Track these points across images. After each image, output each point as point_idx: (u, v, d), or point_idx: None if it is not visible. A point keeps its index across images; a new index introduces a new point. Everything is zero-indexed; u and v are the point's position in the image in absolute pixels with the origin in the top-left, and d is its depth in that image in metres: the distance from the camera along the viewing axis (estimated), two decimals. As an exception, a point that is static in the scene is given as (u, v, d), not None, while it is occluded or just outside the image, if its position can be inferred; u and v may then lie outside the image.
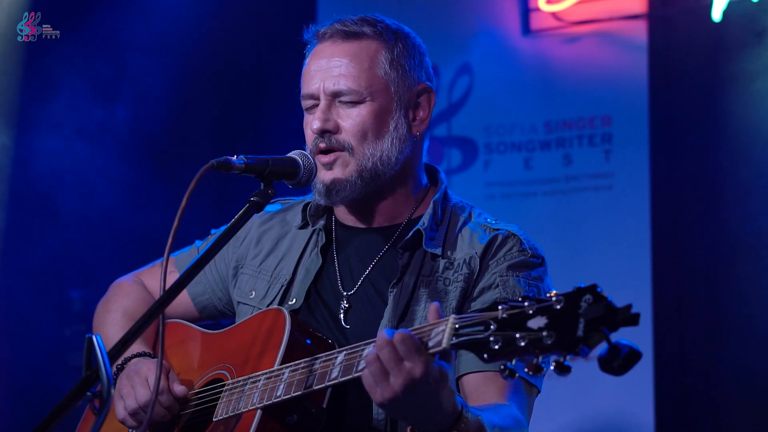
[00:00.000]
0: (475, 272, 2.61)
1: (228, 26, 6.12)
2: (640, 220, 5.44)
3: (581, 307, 1.91)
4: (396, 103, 2.66)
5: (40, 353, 5.73)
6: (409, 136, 2.69)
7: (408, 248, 2.66)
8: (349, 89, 2.63)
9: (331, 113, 2.65)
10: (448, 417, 2.17)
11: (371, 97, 2.64)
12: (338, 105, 2.65)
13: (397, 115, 2.66)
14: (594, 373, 2.01)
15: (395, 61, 2.67)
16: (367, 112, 2.63)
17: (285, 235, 2.85)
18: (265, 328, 2.60)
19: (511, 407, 2.45)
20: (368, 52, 2.66)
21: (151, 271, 3.09)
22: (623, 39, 5.65)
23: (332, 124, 2.64)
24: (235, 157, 2.46)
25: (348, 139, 2.63)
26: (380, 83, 2.65)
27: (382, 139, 2.64)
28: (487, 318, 2.02)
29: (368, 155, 2.63)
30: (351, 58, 2.65)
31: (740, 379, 5.20)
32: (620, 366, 1.90)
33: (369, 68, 2.64)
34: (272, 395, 2.43)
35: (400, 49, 2.69)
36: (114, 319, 2.97)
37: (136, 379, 2.66)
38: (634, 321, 1.89)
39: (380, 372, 2.13)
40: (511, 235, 2.65)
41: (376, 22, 2.70)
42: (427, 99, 2.73)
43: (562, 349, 1.92)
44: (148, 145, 5.96)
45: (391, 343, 2.12)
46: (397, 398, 2.12)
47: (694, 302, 5.35)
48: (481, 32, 5.92)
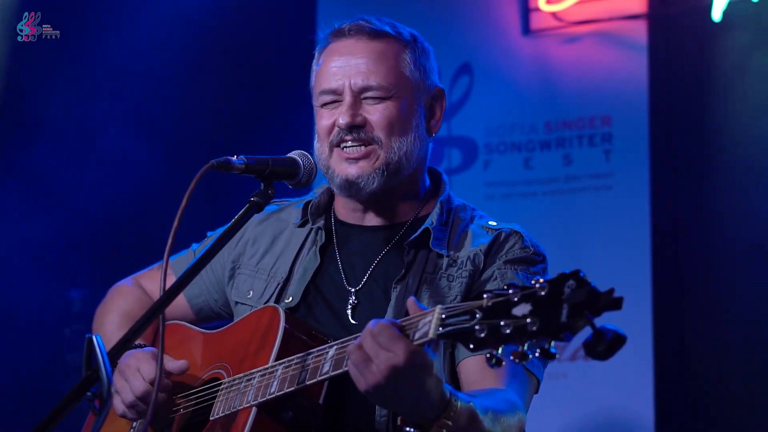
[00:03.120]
0: (479, 268, 2.63)
1: (228, 26, 6.12)
2: (640, 220, 5.44)
3: (564, 293, 1.91)
4: (417, 102, 2.71)
5: (40, 353, 5.73)
6: (426, 136, 2.73)
7: (414, 246, 2.67)
8: (379, 85, 2.65)
9: (358, 109, 2.66)
10: (436, 405, 2.17)
11: (397, 94, 2.67)
12: (364, 101, 2.67)
13: (419, 114, 2.71)
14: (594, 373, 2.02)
15: (417, 61, 2.71)
16: (394, 108, 2.66)
17: (281, 234, 2.86)
18: (261, 326, 2.60)
19: (507, 392, 2.46)
20: (394, 51, 2.69)
21: (149, 274, 3.09)
22: (623, 39, 5.64)
23: (361, 119, 2.66)
24: (236, 157, 2.47)
25: (377, 133, 2.66)
26: (405, 81, 2.68)
27: (407, 135, 2.67)
28: (473, 307, 2.04)
29: (395, 149, 2.66)
30: (378, 56, 2.67)
31: (741, 380, 5.20)
32: (605, 350, 1.88)
33: (395, 66, 2.68)
34: (266, 392, 2.44)
35: (419, 50, 2.73)
36: (112, 320, 2.98)
37: (128, 372, 2.65)
38: (617, 305, 1.88)
39: (361, 360, 2.14)
40: (514, 233, 2.68)
41: (393, 25, 2.74)
42: (441, 102, 2.78)
43: (546, 335, 1.92)
44: (148, 146, 5.96)
45: (372, 332, 2.14)
46: (380, 385, 2.13)
47: (695, 302, 5.35)
48: (481, 32, 5.92)
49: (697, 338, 5.31)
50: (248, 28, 6.18)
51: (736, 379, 5.20)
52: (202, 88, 6.17)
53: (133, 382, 2.63)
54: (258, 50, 6.21)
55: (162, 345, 2.41)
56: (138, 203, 5.89)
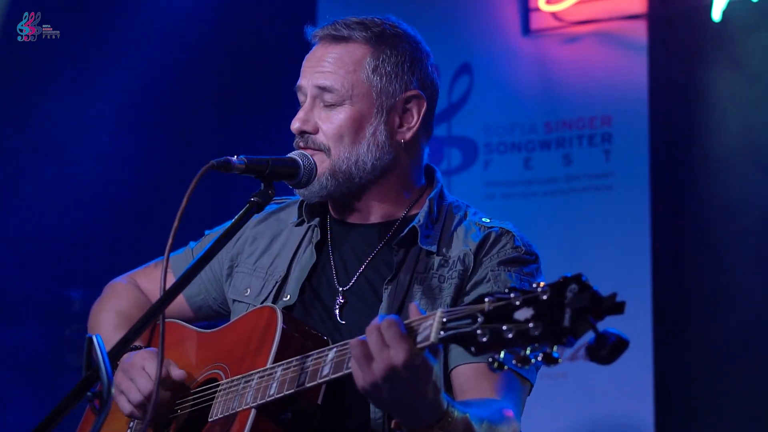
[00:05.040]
0: (469, 269, 2.62)
1: (228, 26, 6.12)
2: (640, 220, 5.44)
3: (567, 297, 1.90)
4: (377, 109, 2.68)
5: (40, 353, 5.72)
6: (388, 143, 2.69)
7: (403, 245, 2.67)
8: (332, 86, 2.65)
9: (312, 114, 2.68)
10: (433, 412, 2.17)
11: (351, 100, 2.66)
12: (320, 106, 2.68)
13: (377, 121, 2.68)
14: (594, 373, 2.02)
15: (380, 67, 2.68)
16: (345, 116, 2.66)
17: (280, 233, 2.86)
18: (258, 326, 2.60)
19: (502, 402, 2.45)
20: (353, 57, 2.68)
21: (145, 272, 3.09)
22: (623, 39, 5.64)
23: (311, 126, 2.67)
24: (236, 157, 2.47)
25: (325, 141, 2.66)
26: (362, 87, 2.67)
27: (358, 143, 2.66)
28: (474, 311, 2.02)
29: (343, 158, 2.66)
30: (335, 60, 2.68)
31: (741, 380, 5.20)
32: (608, 355, 1.87)
33: (353, 71, 2.67)
34: (265, 394, 2.44)
35: (388, 55, 2.70)
36: (107, 319, 2.98)
37: (132, 372, 2.65)
38: (619, 309, 1.87)
39: (363, 356, 2.14)
40: (505, 232, 2.67)
41: (372, 26, 2.71)
42: (417, 106, 2.72)
43: (549, 339, 1.91)
44: (148, 145, 5.96)
45: (378, 327, 2.13)
46: (377, 384, 2.13)
47: (695, 302, 5.35)
48: (481, 32, 5.92)
49: (697, 338, 5.31)
50: (248, 28, 6.19)
51: (736, 379, 5.20)
52: (203, 88, 6.18)
53: (140, 381, 2.63)
54: (258, 50, 6.21)
55: (162, 345, 2.41)
56: (138, 203, 5.89)
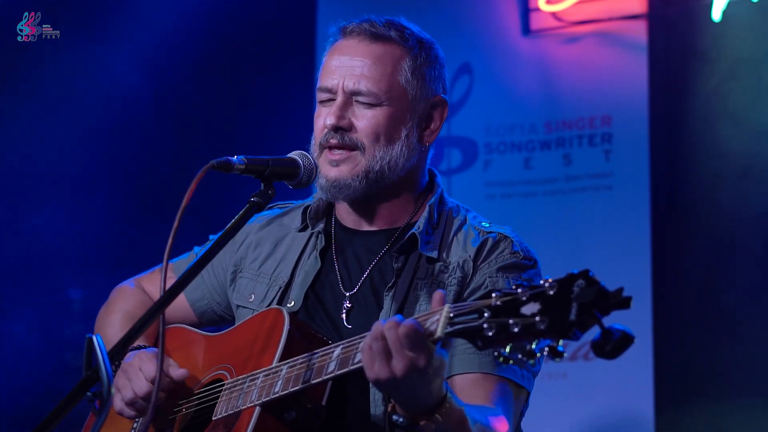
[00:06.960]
0: (468, 275, 2.63)
1: (228, 26, 6.12)
2: (640, 220, 5.44)
3: (573, 292, 1.93)
4: (411, 111, 2.69)
5: (40, 353, 5.72)
6: (417, 146, 2.71)
7: (404, 251, 2.67)
8: (369, 91, 2.64)
9: (346, 111, 2.66)
10: (434, 399, 2.21)
11: (389, 101, 2.65)
12: (355, 104, 2.66)
13: (411, 123, 2.69)
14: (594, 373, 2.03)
15: (417, 69, 2.69)
16: (382, 116, 2.65)
17: (283, 238, 2.86)
18: (265, 327, 2.61)
19: (496, 410, 2.47)
20: (392, 57, 2.67)
21: (150, 276, 3.10)
22: (623, 39, 5.64)
23: (347, 122, 2.65)
24: (236, 157, 2.47)
25: (361, 138, 2.65)
26: (399, 90, 2.67)
27: (393, 144, 2.66)
28: (481, 306, 2.05)
29: (378, 158, 2.65)
30: (374, 60, 2.66)
31: (741, 379, 5.20)
32: (613, 349, 1.91)
33: (391, 73, 2.66)
34: (270, 392, 2.44)
35: (423, 58, 2.71)
36: (113, 320, 2.98)
37: (130, 371, 2.66)
38: (626, 304, 1.91)
39: (383, 351, 2.16)
40: (503, 238, 2.68)
41: (404, 28, 2.73)
42: (440, 111, 2.75)
43: (555, 333, 1.94)
44: (148, 145, 5.96)
45: (399, 330, 2.15)
46: (393, 380, 2.17)
47: (695, 302, 5.35)
48: (481, 32, 5.92)
49: (697, 338, 5.31)
50: (248, 28, 6.18)
51: (736, 379, 5.20)
52: (203, 88, 6.17)
53: (135, 381, 2.64)
54: (258, 50, 6.21)
55: (162, 345, 2.41)
56: (138, 203, 5.89)
